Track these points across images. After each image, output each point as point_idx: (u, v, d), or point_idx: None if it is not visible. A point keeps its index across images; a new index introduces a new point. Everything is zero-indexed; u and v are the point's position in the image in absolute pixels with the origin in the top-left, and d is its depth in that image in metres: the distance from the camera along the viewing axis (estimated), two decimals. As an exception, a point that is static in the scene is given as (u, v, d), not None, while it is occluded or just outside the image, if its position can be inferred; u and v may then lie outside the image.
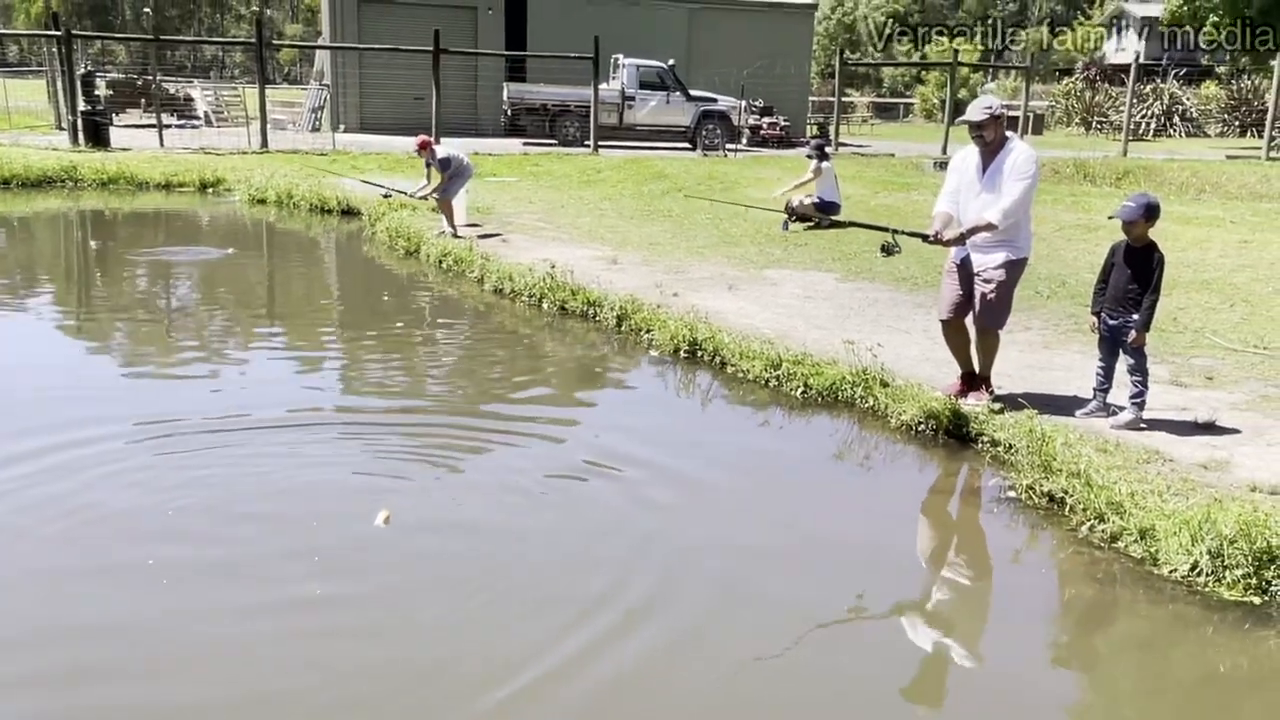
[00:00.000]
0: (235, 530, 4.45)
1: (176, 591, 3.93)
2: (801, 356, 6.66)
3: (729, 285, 9.10)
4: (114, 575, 4.10)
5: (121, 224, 14.16)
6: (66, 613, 3.80)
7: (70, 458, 5.04)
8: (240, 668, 3.50)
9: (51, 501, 4.59)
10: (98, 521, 4.46)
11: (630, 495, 4.97)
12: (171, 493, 4.72)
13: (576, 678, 3.46)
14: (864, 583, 4.23)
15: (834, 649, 3.70)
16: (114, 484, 4.82)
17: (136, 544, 4.30)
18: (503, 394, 6.67)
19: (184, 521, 4.47)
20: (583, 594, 4.01)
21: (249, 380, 6.80)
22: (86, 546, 4.27)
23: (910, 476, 5.52)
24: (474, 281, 9.58)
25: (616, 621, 3.81)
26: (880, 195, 14.44)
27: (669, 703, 3.39)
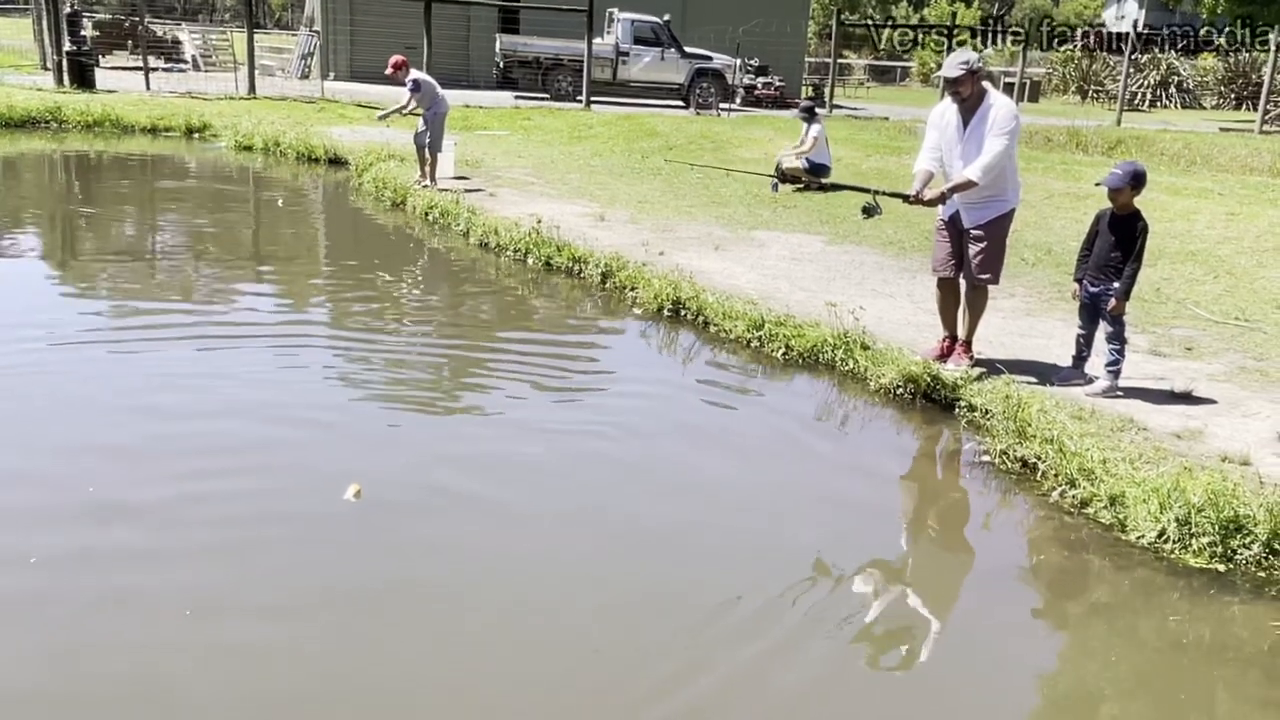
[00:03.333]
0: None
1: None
2: (784, 318, 6.67)
3: (716, 245, 9.07)
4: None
5: (106, 168, 13.99)
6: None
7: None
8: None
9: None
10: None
11: (599, 452, 5.00)
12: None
13: (546, 621, 3.50)
14: (833, 544, 4.26)
15: (798, 609, 3.73)
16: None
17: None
18: (481, 350, 6.64)
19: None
20: (537, 550, 4.05)
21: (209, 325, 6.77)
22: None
23: (886, 439, 5.55)
24: (459, 235, 9.53)
25: (569, 580, 3.86)
26: (872, 159, 14.37)
27: (626, 654, 3.42)
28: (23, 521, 4.01)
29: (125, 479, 4.40)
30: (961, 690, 3.39)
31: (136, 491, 4.27)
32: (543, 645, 3.44)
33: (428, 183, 11.16)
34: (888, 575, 4.10)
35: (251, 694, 3.10)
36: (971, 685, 3.42)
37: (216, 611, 3.47)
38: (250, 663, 3.24)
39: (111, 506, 4.14)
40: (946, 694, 3.35)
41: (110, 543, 3.89)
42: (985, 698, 3.37)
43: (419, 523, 4.23)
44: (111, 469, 4.49)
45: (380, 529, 4.13)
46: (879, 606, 3.80)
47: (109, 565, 3.75)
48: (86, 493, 4.25)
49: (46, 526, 3.97)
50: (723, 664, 3.35)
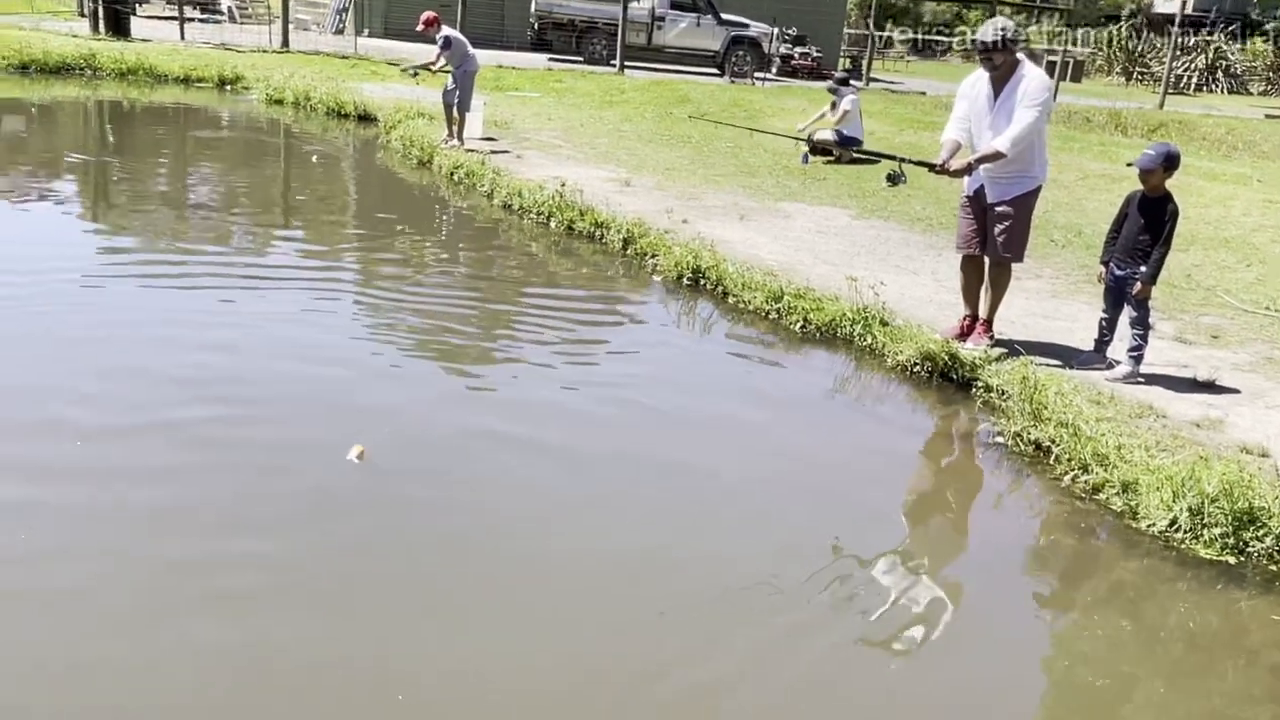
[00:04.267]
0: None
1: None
2: (804, 291, 6.60)
3: (741, 215, 8.99)
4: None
5: (139, 117, 14.06)
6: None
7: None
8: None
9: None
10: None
11: (600, 421, 4.97)
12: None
13: (577, 586, 3.52)
14: (841, 521, 4.23)
15: (803, 586, 3.71)
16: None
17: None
18: (494, 310, 6.63)
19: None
20: (553, 516, 4.05)
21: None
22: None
23: (900, 416, 5.49)
24: (483, 195, 9.50)
25: (590, 536, 3.87)
26: (905, 133, 14.18)
27: (634, 620, 3.42)
28: (55, 435, 4.22)
29: (151, 402, 4.63)
30: (964, 673, 3.35)
31: (157, 414, 4.50)
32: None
33: (455, 142, 11.11)
34: (894, 554, 4.05)
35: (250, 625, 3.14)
36: (974, 668, 3.39)
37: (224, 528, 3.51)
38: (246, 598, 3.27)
39: (135, 428, 4.36)
40: (949, 676, 3.32)
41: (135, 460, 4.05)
42: (988, 681, 3.34)
43: (442, 465, 4.30)
44: (138, 393, 4.73)
45: (398, 473, 4.16)
46: (884, 586, 3.76)
47: (138, 479, 3.91)
48: (114, 415, 4.47)
49: (78, 439, 4.18)
50: (727, 641, 3.34)
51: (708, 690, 3.10)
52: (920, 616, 3.60)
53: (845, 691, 3.21)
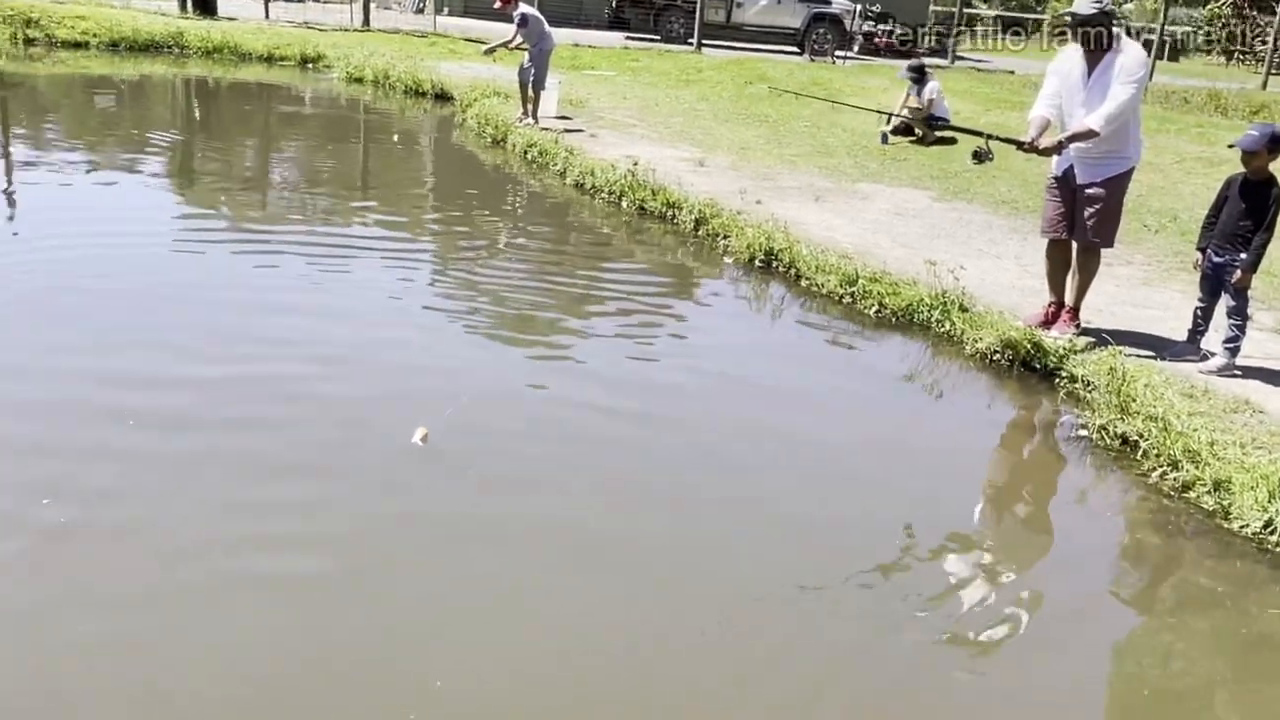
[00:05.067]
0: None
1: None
2: (880, 274, 6.42)
3: (816, 196, 8.79)
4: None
5: (224, 95, 14.35)
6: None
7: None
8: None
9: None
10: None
11: (672, 405, 4.88)
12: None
13: (640, 567, 3.46)
14: (916, 512, 4.09)
15: (878, 578, 3.59)
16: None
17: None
18: (565, 292, 6.57)
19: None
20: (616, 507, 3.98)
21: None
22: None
23: (979, 406, 5.30)
24: (556, 175, 9.46)
25: (655, 524, 3.79)
26: (991, 112, 13.72)
27: (699, 619, 3.35)
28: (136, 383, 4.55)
29: (230, 357, 4.87)
30: (1045, 673, 3.20)
31: (232, 369, 4.73)
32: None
33: (530, 120, 11.09)
34: (972, 549, 3.90)
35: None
36: (1055, 668, 3.24)
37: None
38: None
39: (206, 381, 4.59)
40: (1029, 676, 3.18)
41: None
42: (1069, 681, 3.19)
43: (515, 440, 4.30)
44: (217, 349, 4.97)
45: (471, 448, 4.15)
46: (960, 581, 3.62)
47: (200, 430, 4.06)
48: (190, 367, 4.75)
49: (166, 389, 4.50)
50: (801, 639, 3.24)
51: (785, 689, 3.00)
52: (997, 614, 3.45)
53: (923, 691, 3.09)
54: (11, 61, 14.48)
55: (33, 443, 3.95)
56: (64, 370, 4.59)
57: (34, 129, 10.85)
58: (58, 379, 4.51)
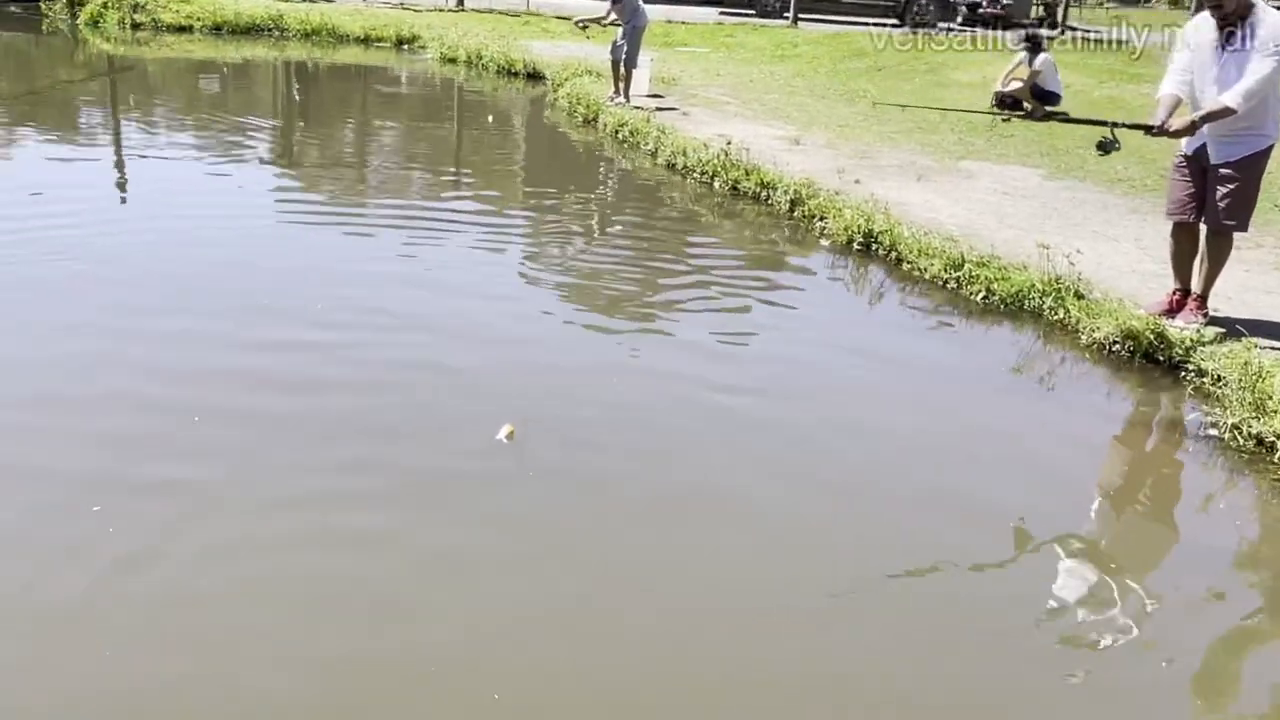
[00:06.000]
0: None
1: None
2: (987, 258, 6.08)
3: (918, 175, 8.42)
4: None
5: (323, 77, 14.56)
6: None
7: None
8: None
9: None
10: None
11: (771, 390, 4.68)
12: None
13: (728, 541, 3.29)
14: (1026, 513, 3.81)
15: (980, 577, 3.35)
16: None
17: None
18: (655, 272, 6.40)
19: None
20: (704, 486, 3.81)
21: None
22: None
23: (1096, 400, 4.95)
24: (647, 155, 9.27)
25: (755, 506, 3.61)
26: (1105, 85, 13.02)
27: (797, 596, 3.17)
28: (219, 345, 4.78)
29: (322, 324, 5.03)
30: (1160, 697, 2.94)
31: (315, 335, 4.88)
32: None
33: (621, 99, 10.92)
34: (1086, 555, 3.62)
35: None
36: (1171, 678, 2.97)
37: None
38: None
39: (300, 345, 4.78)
40: (1141, 699, 2.91)
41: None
42: (1188, 693, 2.92)
43: (606, 424, 4.21)
44: (312, 315, 5.17)
45: (561, 433, 4.03)
46: (1074, 590, 3.36)
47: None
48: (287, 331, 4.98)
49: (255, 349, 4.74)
50: (906, 636, 3.05)
51: (895, 689, 2.83)
52: (1111, 621, 3.18)
53: (1033, 694, 2.86)
54: (120, 45, 14.94)
55: (144, 393, 4.19)
56: (175, 331, 4.85)
57: (145, 111, 11.16)
58: (172, 340, 4.74)
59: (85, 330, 4.82)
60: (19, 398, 4.13)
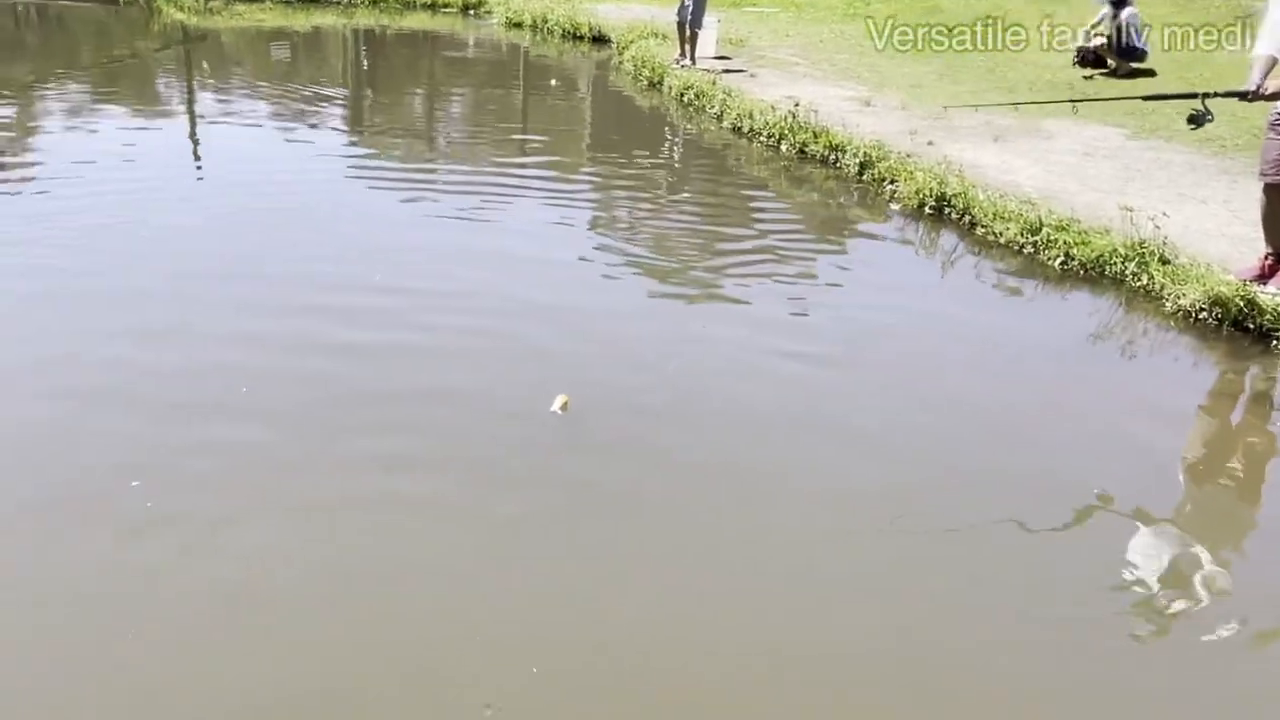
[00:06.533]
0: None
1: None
2: (1067, 222, 5.85)
3: (995, 136, 8.14)
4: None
5: (390, 42, 14.61)
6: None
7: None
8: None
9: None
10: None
11: (840, 360, 4.57)
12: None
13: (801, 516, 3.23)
14: (1107, 487, 3.67)
15: (1055, 550, 3.23)
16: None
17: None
18: (720, 238, 6.29)
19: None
20: (766, 457, 3.73)
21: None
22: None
23: (1180, 370, 4.75)
24: (713, 118, 9.12)
25: (825, 479, 3.53)
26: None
27: (870, 560, 3.13)
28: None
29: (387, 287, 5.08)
30: (1235, 676, 2.80)
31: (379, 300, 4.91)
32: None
33: (686, 61, 10.75)
34: (1167, 531, 3.47)
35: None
36: (1248, 671, 2.83)
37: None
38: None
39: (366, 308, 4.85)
40: (1213, 679, 2.78)
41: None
42: (1262, 688, 2.78)
43: (669, 390, 4.11)
44: (375, 274, 5.25)
45: (624, 402, 3.99)
46: (1152, 566, 3.23)
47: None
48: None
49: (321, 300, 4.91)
50: (992, 621, 2.96)
51: (981, 675, 2.75)
52: (1189, 598, 3.05)
53: (1105, 668, 2.75)
54: (193, 15, 15.17)
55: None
56: (243, 293, 4.98)
57: (219, 79, 11.33)
58: (239, 301, 4.88)
59: (157, 291, 4.93)
60: (98, 353, 4.24)
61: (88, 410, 3.79)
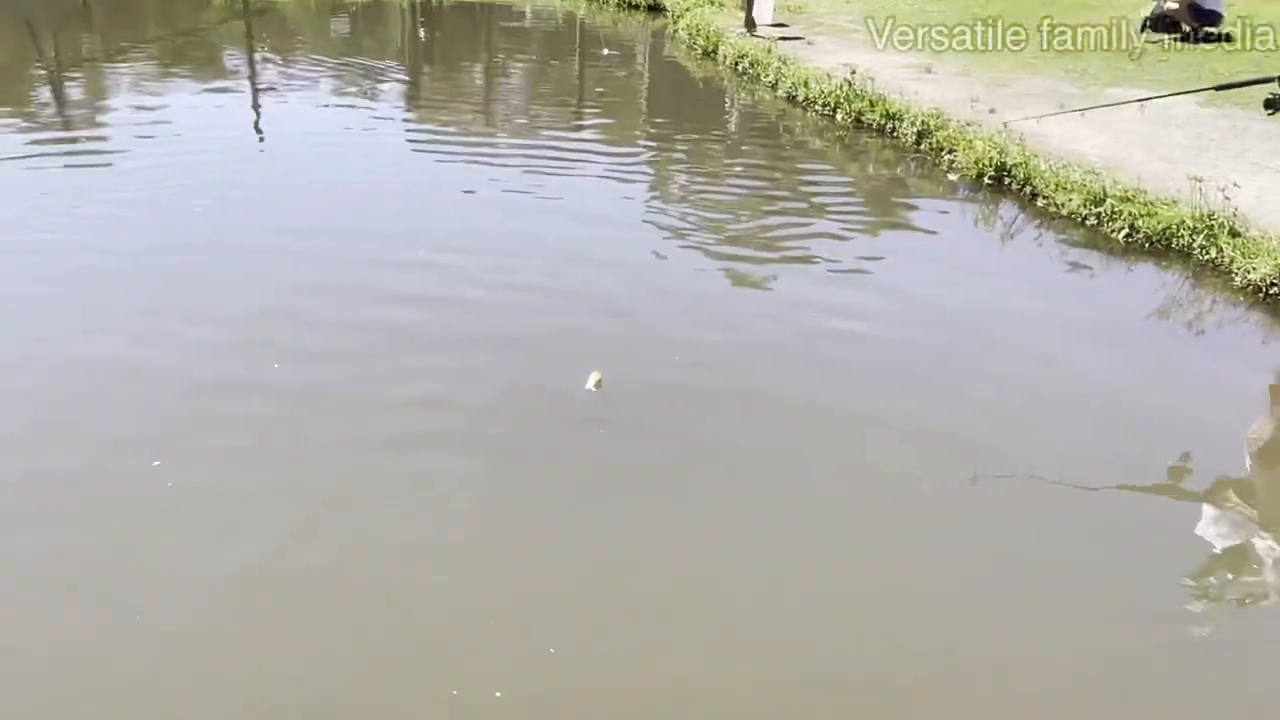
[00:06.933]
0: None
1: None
2: (1132, 192, 5.65)
3: (1060, 104, 7.87)
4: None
5: (447, 14, 14.62)
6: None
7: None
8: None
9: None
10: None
11: (896, 336, 4.47)
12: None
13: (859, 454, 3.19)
14: (1173, 458, 3.58)
15: (1118, 529, 3.14)
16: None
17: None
18: (773, 210, 6.19)
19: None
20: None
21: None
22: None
23: (1249, 347, 4.57)
24: (767, 87, 8.97)
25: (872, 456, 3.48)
26: (1274, 3, 11.91)
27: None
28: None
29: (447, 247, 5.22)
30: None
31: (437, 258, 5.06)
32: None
33: (742, 29, 10.58)
34: (1232, 511, 3.35)
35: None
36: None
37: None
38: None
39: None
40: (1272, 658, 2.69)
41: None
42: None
43: (728, 359, 4.09)
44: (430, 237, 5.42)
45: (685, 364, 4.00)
46: (1216, 546, 3.12)
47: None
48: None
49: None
50: (1036, 572, 2.95)
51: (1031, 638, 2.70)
52: (1253, 577, 2.94)
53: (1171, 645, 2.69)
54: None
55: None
56: (309, 249, 5.20)
57: (280, 51, 11.44)
58: (302, 257, 5.11)
59: (223, 247, 5.19)
60: (172, 301, 4.56)
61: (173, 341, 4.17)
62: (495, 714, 2.44)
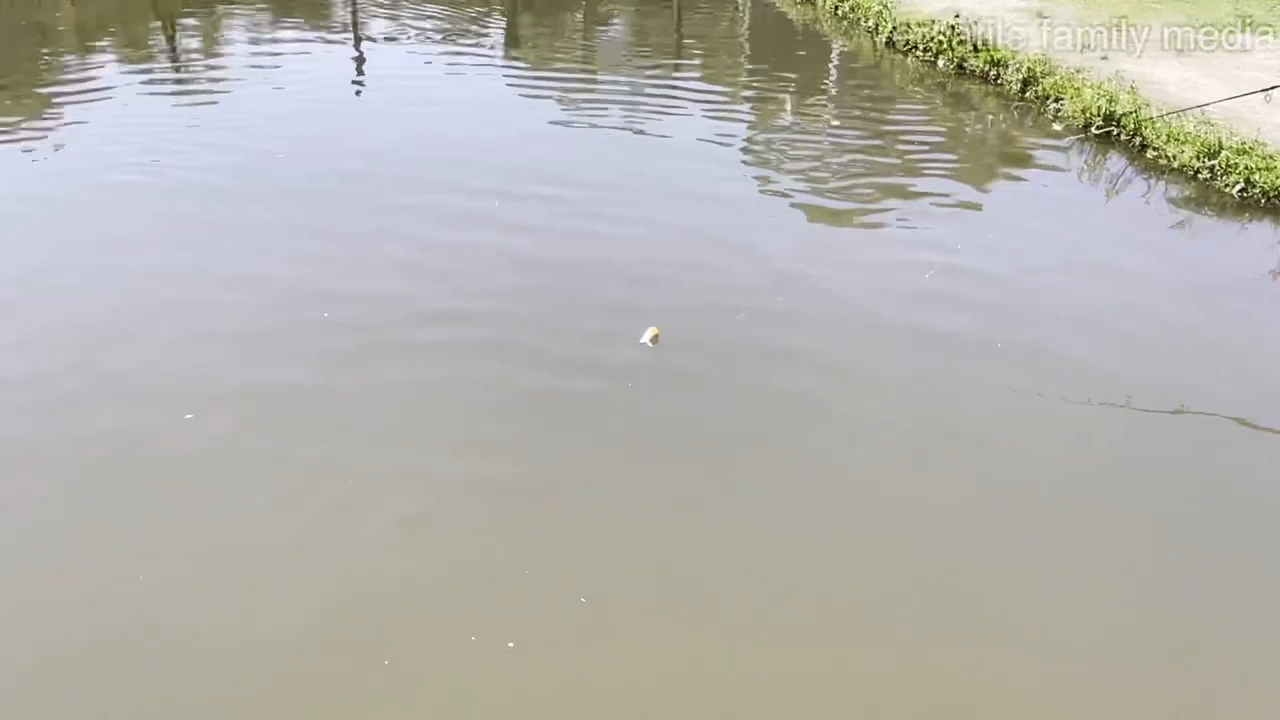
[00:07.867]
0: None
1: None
2: (1250, 145, 5.34)
3: (1178, 49, 7.45)
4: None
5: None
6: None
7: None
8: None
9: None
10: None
11: (982, 299, 4.34)
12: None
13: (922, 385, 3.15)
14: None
15: (1215, 498, 3.03)
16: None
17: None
18: (869, 161, 6.03)
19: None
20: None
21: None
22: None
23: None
24: (867, 32, 8.69)
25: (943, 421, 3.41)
26: None
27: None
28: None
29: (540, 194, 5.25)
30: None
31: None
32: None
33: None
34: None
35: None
36: None
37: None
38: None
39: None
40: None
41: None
42: None
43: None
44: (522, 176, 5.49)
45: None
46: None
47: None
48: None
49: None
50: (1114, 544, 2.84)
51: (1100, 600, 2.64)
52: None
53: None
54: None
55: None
56: (404, 173, 5.52)
57: (390, 5, 11.57)
58: (395, 181, 5.44)
59: (332, 173, 5.54)
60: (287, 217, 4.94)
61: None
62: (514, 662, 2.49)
